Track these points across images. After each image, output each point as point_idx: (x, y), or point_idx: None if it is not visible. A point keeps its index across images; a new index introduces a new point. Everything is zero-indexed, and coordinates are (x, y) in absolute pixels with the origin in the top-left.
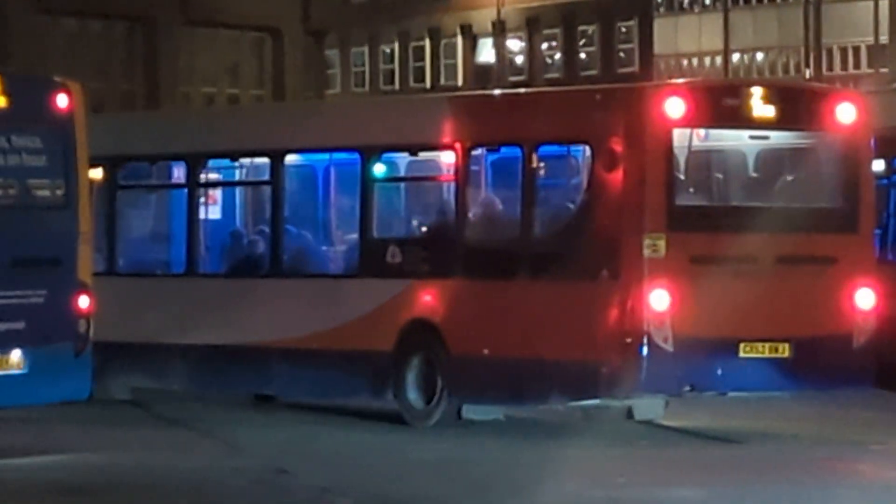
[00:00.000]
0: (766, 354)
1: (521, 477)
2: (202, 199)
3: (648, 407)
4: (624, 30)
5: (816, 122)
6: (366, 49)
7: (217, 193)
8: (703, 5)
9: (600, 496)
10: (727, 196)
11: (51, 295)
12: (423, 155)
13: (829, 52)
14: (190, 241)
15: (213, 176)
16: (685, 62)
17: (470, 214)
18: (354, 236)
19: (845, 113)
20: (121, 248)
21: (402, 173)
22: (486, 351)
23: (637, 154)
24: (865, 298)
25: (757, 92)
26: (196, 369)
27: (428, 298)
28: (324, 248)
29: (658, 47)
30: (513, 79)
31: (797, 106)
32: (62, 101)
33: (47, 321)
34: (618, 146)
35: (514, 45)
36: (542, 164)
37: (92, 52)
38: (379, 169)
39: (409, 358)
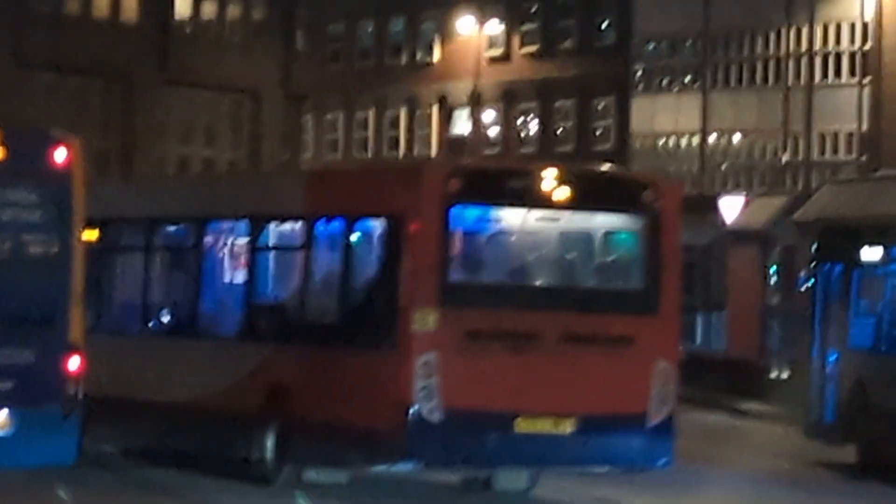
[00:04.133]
0: (546, 430)
1: None
2: (135, 263)
3: (508, 478)
4: (601, 107)
5: (615, 205)
6: (341, 115)
7: (143, 257)
8: (683, 85)
9: None
10: (511, 273)
11: (41, 354)
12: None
13: (808, 137)
14: (131, 301)
15: (138, 240)
16: (661, 141)
17: (293, 284)
18: (225, 300)
19: (644, 196)
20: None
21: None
22: (311, 415)
23: (415, 230)
24: (658, 377)
25: (550, 173)
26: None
27: (277, 363)
28: (204, 310)
29: (635, 125)
30: (487, 151)
31: (594, 188)
32: (60, 155)
33: (36, 381)
34: (401, 222)
35: (490, 117)
36: (353, 236)
37: (69, 108)
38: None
39: (267, 421)
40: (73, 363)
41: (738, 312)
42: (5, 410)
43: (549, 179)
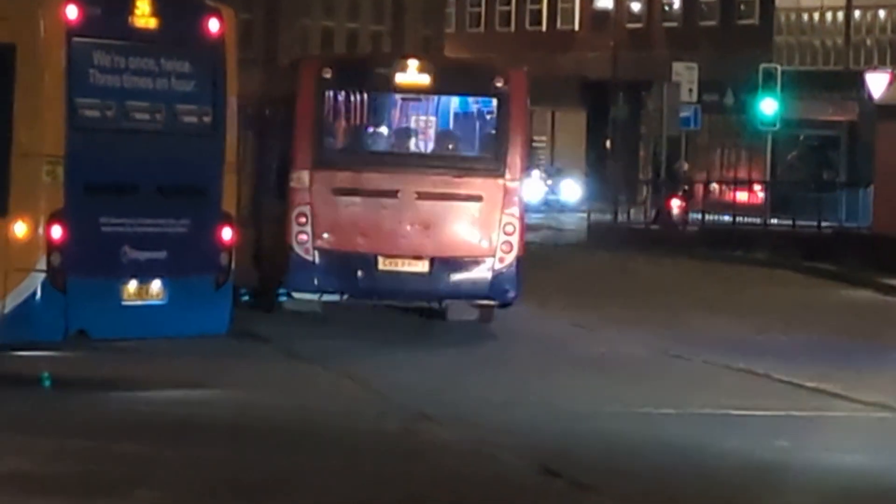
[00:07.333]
0: (405, 269)
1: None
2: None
3: (459, 311)
4: None
5: (468, 89)
6: None
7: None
8: None
9: None
10: (377, 142)
11: (194, 225)
12: None
13: None
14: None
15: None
16: (806, 16)
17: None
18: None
19: (494, 82)
20: None
21: None
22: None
23: (297, 111)
24: (504, 228)
25: (412, 63)
26: None
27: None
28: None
29: (780, 0)
30: (630, 26)
31: (450, 76)
32: (213, 25)
33: (189, 252)
34: (290, 104)
35: None
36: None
37: None
38: None
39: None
40: (226, 233)
41: (885, 189)
42: (158, 281)
43: (410, 69)
